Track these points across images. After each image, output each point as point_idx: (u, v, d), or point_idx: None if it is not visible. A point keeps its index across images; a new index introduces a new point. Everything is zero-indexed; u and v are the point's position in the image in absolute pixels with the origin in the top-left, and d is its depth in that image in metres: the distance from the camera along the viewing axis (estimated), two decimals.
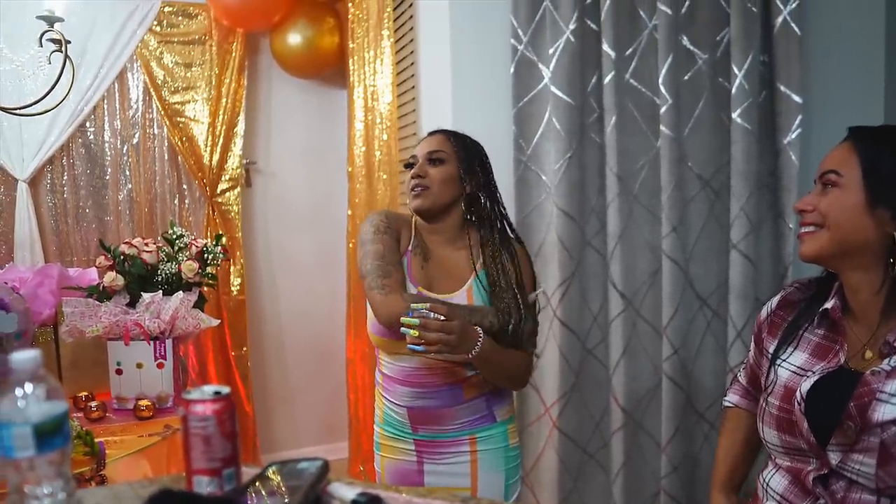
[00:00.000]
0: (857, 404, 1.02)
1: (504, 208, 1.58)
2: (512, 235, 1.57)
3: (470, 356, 1.34)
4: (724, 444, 1.35)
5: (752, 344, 1.31)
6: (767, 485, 1.17)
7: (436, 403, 1.49)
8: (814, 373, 1.10)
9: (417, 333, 1.26)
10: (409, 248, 1.54)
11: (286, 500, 0.75)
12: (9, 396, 0.69)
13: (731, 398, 1.39)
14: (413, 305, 1.30)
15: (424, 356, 1.35)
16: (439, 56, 2.24)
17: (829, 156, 1.13)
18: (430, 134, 1.58)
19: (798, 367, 1.13)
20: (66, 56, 2.03)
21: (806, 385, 1.09)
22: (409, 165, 1.55)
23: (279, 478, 0.80)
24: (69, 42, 2.04)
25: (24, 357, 0.69)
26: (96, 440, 1.66)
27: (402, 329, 1.28)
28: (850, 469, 1.03)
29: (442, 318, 1.27)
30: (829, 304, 1.13)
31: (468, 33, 2.14)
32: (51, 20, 1.96)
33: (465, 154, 1.53)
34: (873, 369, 1.03)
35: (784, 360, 1.16)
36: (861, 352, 1.09)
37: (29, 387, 0.69)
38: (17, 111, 2.18)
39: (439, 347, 1.27)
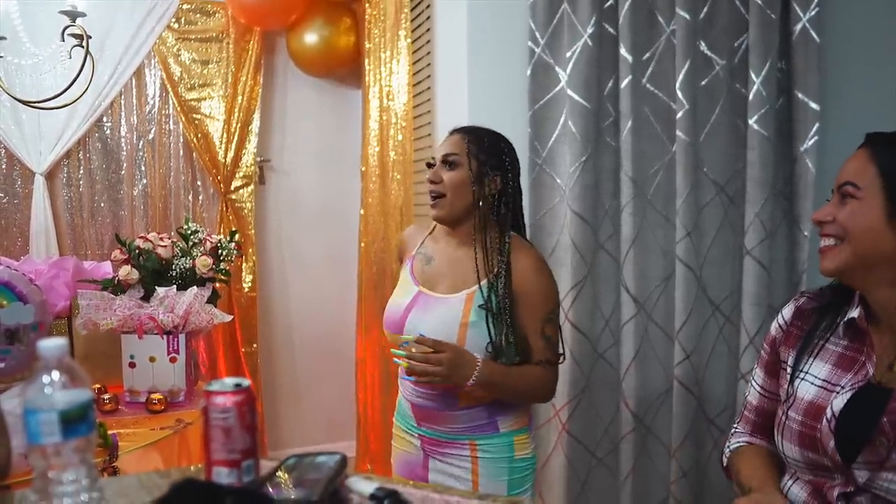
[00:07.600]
0: (891, 420, 0.98)
1: (521, 212, 1.57)
2: (526, 243, 1.54)
3: (469, 384, 1.37)
4: (748, 465, 1.19)
5: (762, 373, 1.22)
6: (787, 492, 1.13)
7: (433, 405, 1.49)
8: (842, 387, 1.05)
9: (407, 365, 1.38)
10: (414, 252, 1.59)
11: (305, 493, 0.75)
12: (35, 383, 0.70)
13: (740, 439, 1.26)
14: (402, 338, 1.43)
15: (417, 384, 1.45)
16: (456, 57, 2.25)
17: (846, 166, 1.08)
18: (452, 132, 1.56)
19: (824, 381, 1.07)
20: (87, 51, 2.05)
21: (838, 402, 1.03)
22: (430, 165, 1.55)
23: (298, 470, 0.81)
24: (90, 37, 2.05)
25: (51, 345, 0.71)
26: (109, 432, 1.67)
27: (395, 360, 1.42)
28: (878, 487, 0.99)
29: (429, 351, 1.36)
30: (854, 314, 1.07)
31: (485, 35, 2.14)
32: (73, 15, 1.98)
33: (481, 155, 1.48)
34: None
35: (807, 373, 1.10)
36: (890, 363, 1.03)
37: (55, 374, 0.70)
38: (37, 104, 2.21)
39: (429, 378, 1.36)
